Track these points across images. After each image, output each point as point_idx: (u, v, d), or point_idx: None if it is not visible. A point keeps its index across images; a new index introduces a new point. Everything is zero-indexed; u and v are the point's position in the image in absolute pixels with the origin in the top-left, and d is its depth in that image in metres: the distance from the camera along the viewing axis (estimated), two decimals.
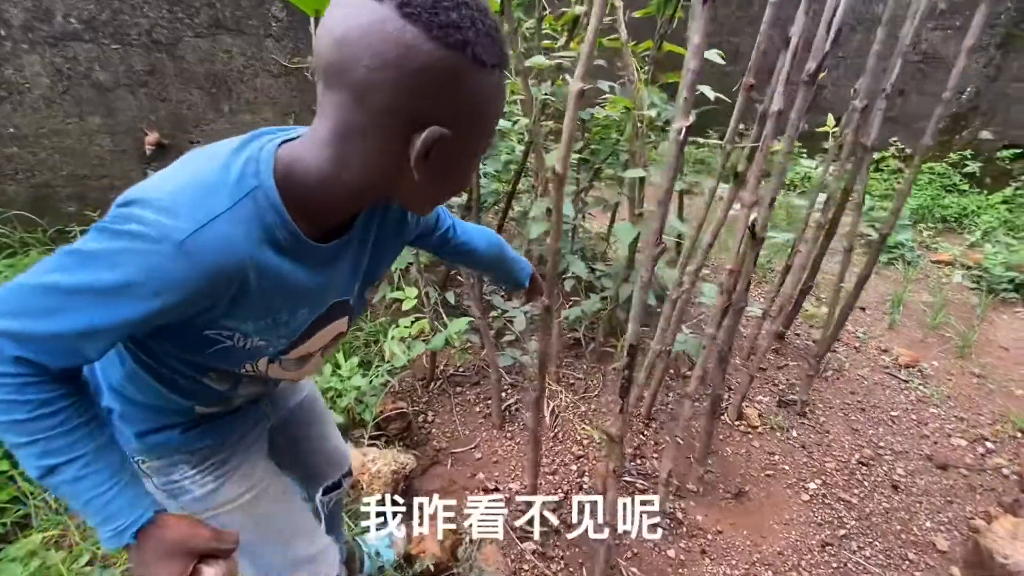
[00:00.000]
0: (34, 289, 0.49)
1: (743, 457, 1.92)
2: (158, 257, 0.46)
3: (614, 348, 2.34)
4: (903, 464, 1.92)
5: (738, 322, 1.42)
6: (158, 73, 2.77)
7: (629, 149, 1.97)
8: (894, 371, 2.45)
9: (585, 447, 1.89)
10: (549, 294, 0.97)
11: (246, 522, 0.76)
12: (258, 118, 3.16)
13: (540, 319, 1.01)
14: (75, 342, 0.50)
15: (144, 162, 2.90)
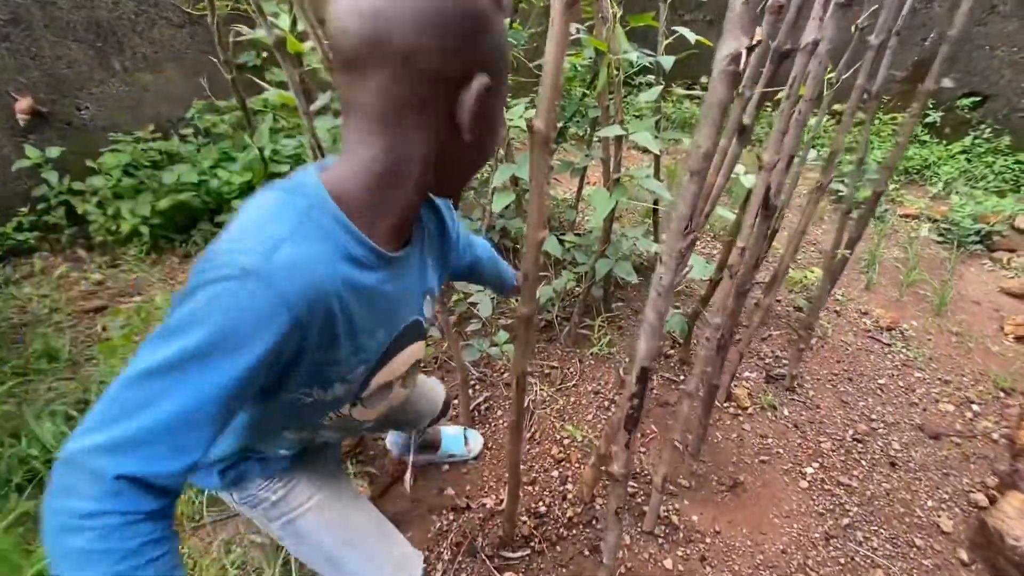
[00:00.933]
0: (126, 386, 0.44)
1: (735, 443, 1.77)
2: (237, 293, 0.44)
3: (591, 330, 2.12)
4: (897, 437, 1.82)
5: (742, 305, 1.21)
6: (23, 23, 2.25)
7: (601, 103, 1.69)
8: (876, 334, 2.36)
9: (566, 448, 1.68)
10: (529, 298, 0.71)
11: (320, 525, 0.78)
12: (161, 77, 2.68)
13: (517, 330, 0.76)
14: (182, 431, 0.44)
15: (18, 135, 2.39)
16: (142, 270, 2.51)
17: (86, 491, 0.42)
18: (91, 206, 2.51)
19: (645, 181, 1.62)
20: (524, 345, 0.76)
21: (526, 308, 0.72)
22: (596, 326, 2.12)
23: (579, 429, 1.74)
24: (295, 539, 0.79)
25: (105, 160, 2.52)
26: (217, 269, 0.45)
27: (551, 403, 1.84)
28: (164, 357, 0.43)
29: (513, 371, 0.81)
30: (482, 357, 1.90)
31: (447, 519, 1.45)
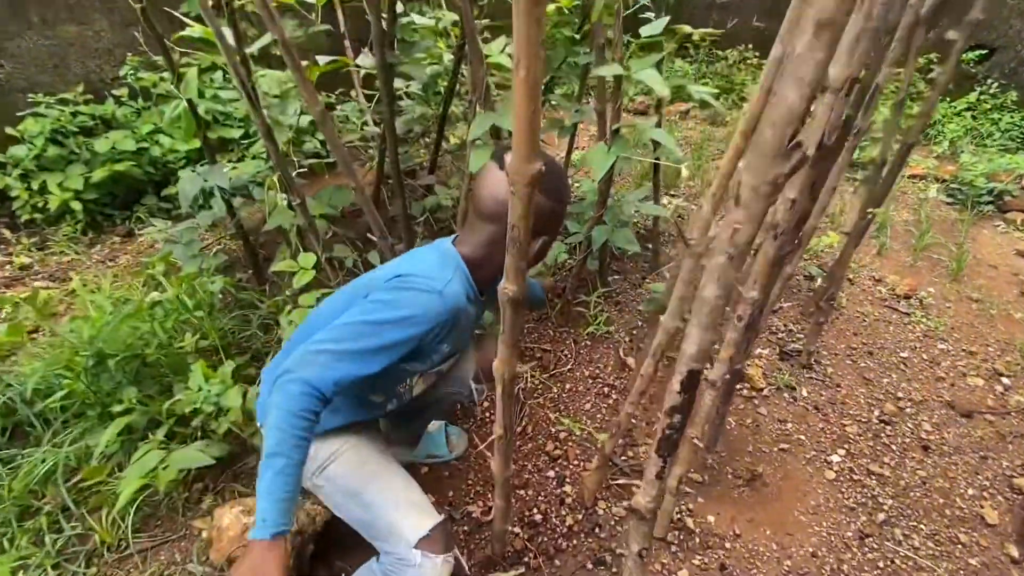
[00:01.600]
0: (351, 326, 0.81)
1: (750, 429, 1.58)
2: (428, 299, 0.84)
3: (586, 307, 1.90)
4: (927, 416, 1.65)
5: (778, 275, 0.99)
6: None
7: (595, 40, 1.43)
8: (893, 303, 2.17)
9: (563, 444, 1.47)
10: (515, 273, 0.48)
11: (347, 467, 0.93)
12: (87, 31, 2.33)
13: (502, 315, 0.53)
14: (371, 357, 0.80)
15: None
16: (77, 252, 2.21)
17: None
18: (13, 179, 2.20)
19: (650, 131, 1.37)
20: (512, 336, 0.53)
21: (512, 287, 0.48)
22: (592, 303, 1.90)
23: (577, 422, 1.53)
24: (327, 483, 0.93)
25: (26, 126, 2.19)
26: (420, 283, 0.85)
27: (544, 392, 1.63)
28: (378, 318, 0.81)
29: (498, 371, 0.59)
30: None
31: None
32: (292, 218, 1.60)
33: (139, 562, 1.12)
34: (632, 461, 1.44)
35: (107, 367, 1.20)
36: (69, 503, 1.13)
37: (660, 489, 0.56)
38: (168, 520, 1.20)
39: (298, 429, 0.73)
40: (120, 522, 1.15)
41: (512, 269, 0.46)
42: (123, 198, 2.43)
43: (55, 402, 1.20)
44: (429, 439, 1.40)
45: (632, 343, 1.83)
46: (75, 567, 1.10)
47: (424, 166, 2.31)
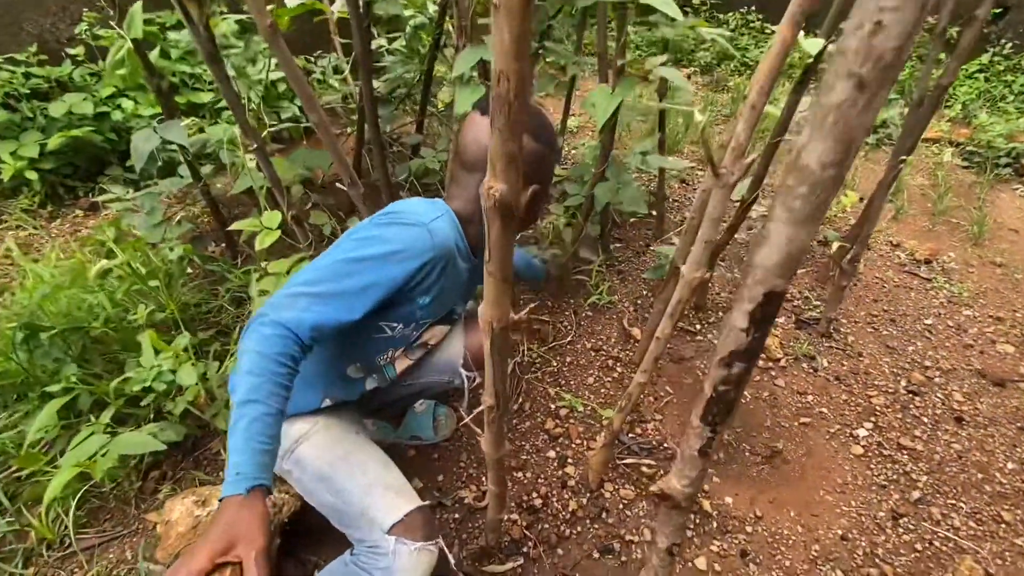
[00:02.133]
0: (331, 266, 0.73)
1: (767, 403, 1.45)
2: (415, 232, 0.76)
3: (587, 276, 1.75)
4: (957, 386, 1.52)
5: None
6: None
7: None
8: (913, 268, 2.03)
9: (564, 421, 1.33)
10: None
11: (316, 448, 0.83)
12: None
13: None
14: (353, 299, 0.71)
15: None
16: (36, 226, 2.04)
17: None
18: None
19: (659, 70, 1.21)
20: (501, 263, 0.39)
21: (500, 184, 0.33)
22: (593, 271, 1.75)
23: (579, 397, 1.39)
24: (297, 468, 0.83)
25: None
26: (407, 217, 0.78)
27: (542, 366, 1.49)
28: (361, 254, 0.73)
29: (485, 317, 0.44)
30: None
31: None
32: (262, 180, 1.44)
33: (84, 561, 0.98)
34: (641, 439, 1.31)
35: (42, 342, 1.04)
36: (1, 496, 0.99)
37: (702, 468, 0.42)
38: (119, 513, 1.06)
39: (275, 375, 0.64)
40: (63, 516, 1.01)
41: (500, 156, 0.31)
42: (85, 168, 2.25)
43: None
44: (414, 419, 1.26)
45: (637, 313, 1.69)
46: (10, 567, 0.96)
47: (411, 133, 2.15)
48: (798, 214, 0.26)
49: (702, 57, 4.18)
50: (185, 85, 2.41)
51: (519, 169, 0.32)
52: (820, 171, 0.24)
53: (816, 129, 0.24)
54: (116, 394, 1.07)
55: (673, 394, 1.45)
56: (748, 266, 0.30)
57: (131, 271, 1.22)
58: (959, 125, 3.35)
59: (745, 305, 0.31)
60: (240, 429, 0.61)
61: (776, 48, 0.58)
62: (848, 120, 0.23)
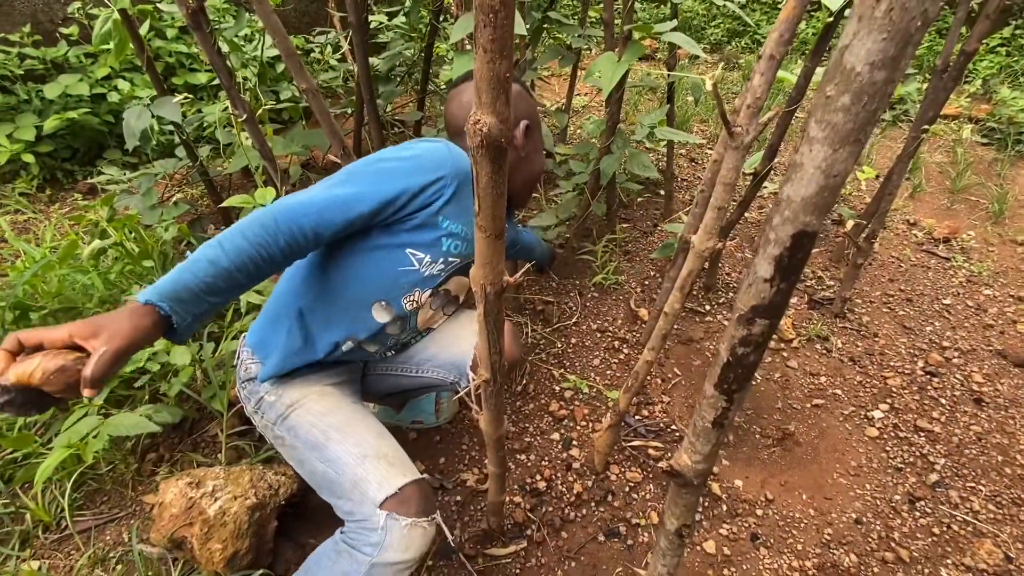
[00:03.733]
0: (344, 171, 0.74)
1: (779, 385, 1.40)
2: (435, 146, 0.76)
3: (592, 256, 1.71)
4: (977, 367, 1.47)
5: None
6: None
7: None
8: (931, 247, 1.97)
9: (568, 403, 1.30)
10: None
11: (309, 416, 0.80)
12: None
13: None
14: (367, 186, 0.71)
15: None
16: (34, 210, 2.02)
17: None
18: None
19: (669, 35, 1.15)
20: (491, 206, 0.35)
21: (488, 116, 0.29)
22: (598, 251, 1.70)
23: (584, 379, 1.35)
24: (290, 434, 0.80)
25: None
26: (430, 142, 0.77)
27: (547, 347, 1.45)
28: (377, 157, 0.75)
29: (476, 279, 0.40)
30: None
31: None
32: (258, 159, 1.40)
33: (80, 543, 0.96)
34: (648, 421, 1.27)
35: (32, 322, 1.02)
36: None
37: (716, 443, 0.38)
38: (116, 495, 1.04)
39: (235, 251, 0.61)
40: (60, 498, 0.99)
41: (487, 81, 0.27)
42: (83, 152, 2.22)
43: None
44: (416, 403, 1.23)
45: (644, 293, 1.65)
46: (7, 549, 0.95)
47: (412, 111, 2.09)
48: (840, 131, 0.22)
49: (712, 34, 4.06)
50: (182, 66, 2.36)
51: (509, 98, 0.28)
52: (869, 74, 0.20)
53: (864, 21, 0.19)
54: None
55: (681, 376, 1.41)
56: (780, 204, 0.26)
57: (124, 251, 1.20)
58: (979, 101, 3.24)
59: (771, 249, 0.26)
60: (187, 260, 0.60)
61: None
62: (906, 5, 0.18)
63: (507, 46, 0.25)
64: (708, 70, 3.73)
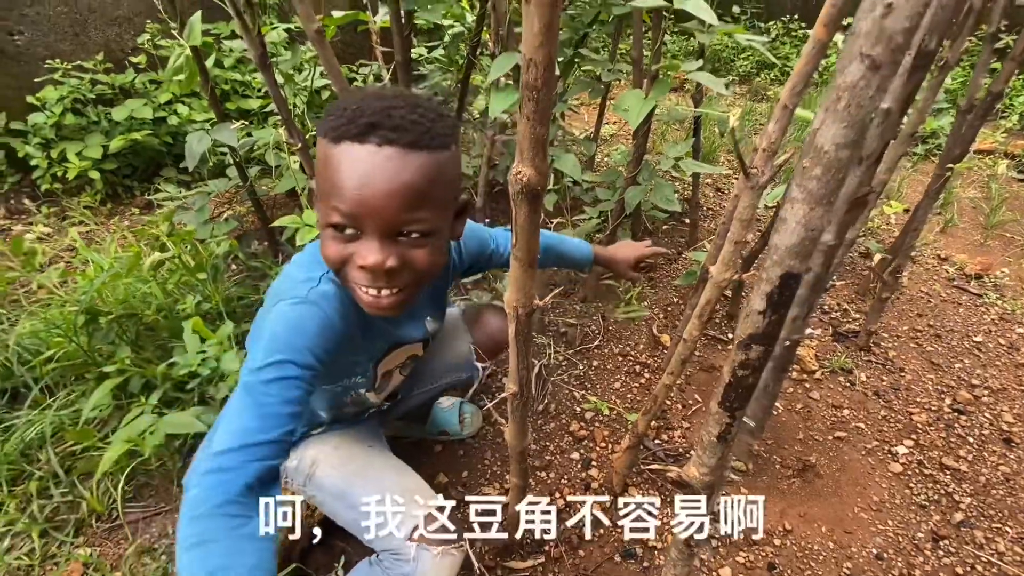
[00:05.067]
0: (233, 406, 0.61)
1: (800, 415, 1.41)
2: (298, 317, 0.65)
3: (614, 280, 1.75)
4: (1008, 407, 1.45)
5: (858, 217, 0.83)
6: None
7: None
8: (962, 284, 1.95)
9: (588, 424, 1.34)
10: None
11: (332, 468, 0.85)
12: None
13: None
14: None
15: None
16: (96, 223, 2.18)
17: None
18: (33, 148, 2.17)
19: (695, 74, 1.21)
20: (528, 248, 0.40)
21: (529, 168, 0.35)
22: None
23: (605, 401, 1.39)
24: (319, 492, 0.84)
25: (46, 94, 2.17)
26: (286, 303, 0.67)
27: (568, 368, 1.49)
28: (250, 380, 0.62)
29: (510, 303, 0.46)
30: None
31: None
32: (305, 181, 1.51)
33: (129, 533, 1.04)
34: (667, 445, 1.29)
35: (100, 326, 1.12)
36: (57, 468, 1.06)
37: (722, 456, 0.43)
38: (162, 490, 1.12)
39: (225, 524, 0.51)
40: (112, 490, 1.07)
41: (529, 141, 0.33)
42: (142, 169, 2.39)
43: (40, 363, 1.13)
44: (441, 415, 1.29)
45: (667, 320, 1.68)
46: (63, 536, 1.03)
47: None
48: (814, 195, 0.27)
49: (741, 66, 4.12)
50: (236, 92, 2.53)
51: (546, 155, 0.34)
52: (835, 152, 0.25)
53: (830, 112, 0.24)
54: (164, 378, 1.14)
55: (702, 403, 1.42)
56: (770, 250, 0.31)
57: (181, 264, 1.30)
58: (1015, 136, 3.19)
59: (763, 287, 0.31)
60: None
61: (810, 48, 0.58)
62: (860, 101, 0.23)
63: (546, 117, 0.31)
64: (736, 100, 3.78)
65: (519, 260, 0.42)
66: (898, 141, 1.26)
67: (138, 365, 1.16)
